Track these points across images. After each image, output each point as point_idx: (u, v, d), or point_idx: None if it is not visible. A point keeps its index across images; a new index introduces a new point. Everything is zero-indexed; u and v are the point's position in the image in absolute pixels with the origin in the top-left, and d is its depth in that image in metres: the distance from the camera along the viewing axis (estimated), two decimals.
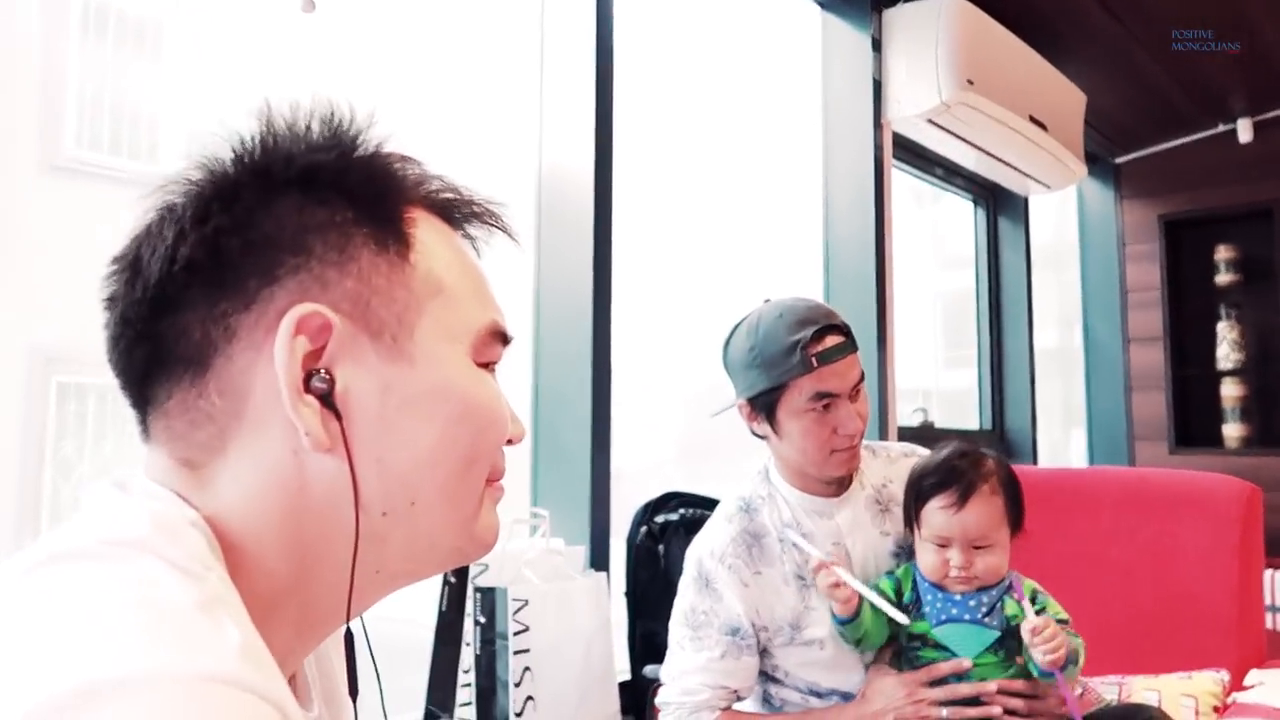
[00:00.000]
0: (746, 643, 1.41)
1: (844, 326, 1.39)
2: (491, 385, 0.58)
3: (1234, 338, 3.86)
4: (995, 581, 1.34)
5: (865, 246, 2.66)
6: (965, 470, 1.35)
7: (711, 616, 1.41)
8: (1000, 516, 1.34)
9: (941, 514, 1.34)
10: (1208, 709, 1.53)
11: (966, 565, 1.32)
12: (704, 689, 1.40)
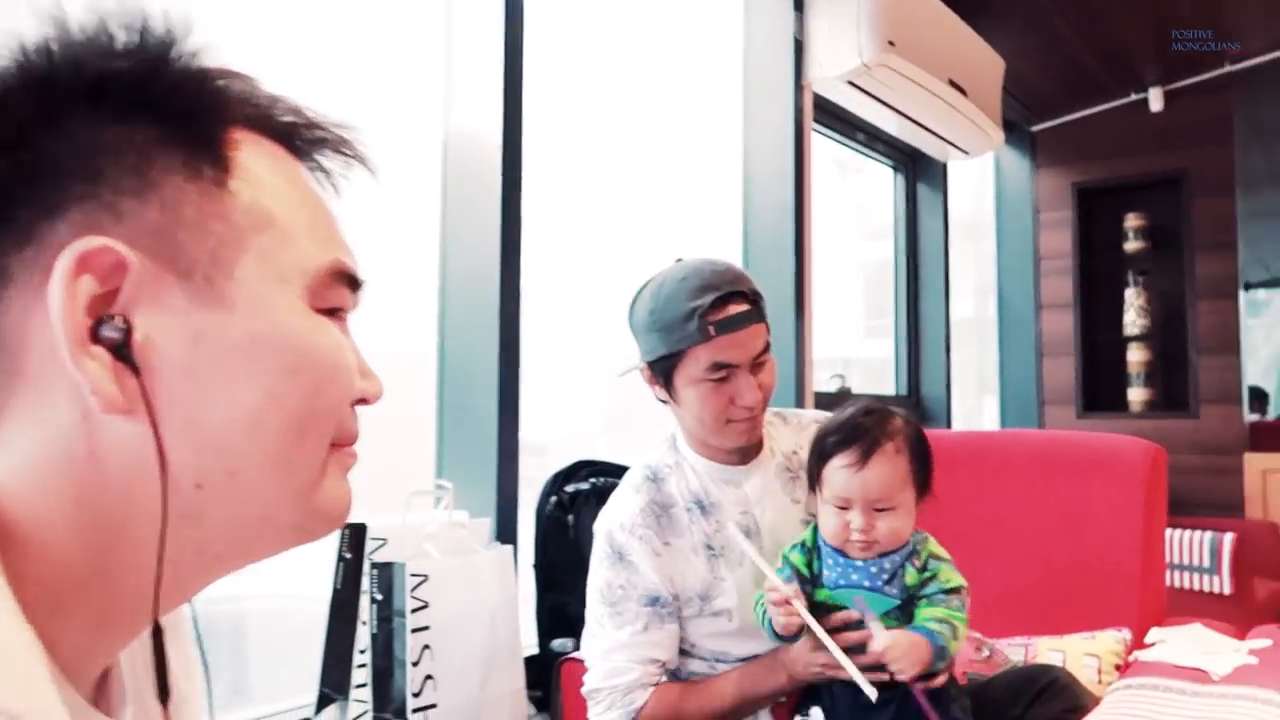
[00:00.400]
0: (668, 611, 1.37)
1: (750, 293, 1.34)
2: (333, 335, 0.50)
3: (1140, 304, 3.95)
4: (897, 546, 1.29)
5: (784, 209, 2.62)
6: (869, 428, 1.29)
7: (629, 589, 1.37)
8: (905, 477, 1.29)
9: (843, 473, 1.28)
10: (1110, 667, 1.54)
11: (867, 528, 1.26)
12: (632, 666, 1.35)
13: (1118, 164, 4.01)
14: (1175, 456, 3.77)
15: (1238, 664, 1.39)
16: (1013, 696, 1.30)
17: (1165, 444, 3.83)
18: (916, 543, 1.32)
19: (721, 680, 1.38)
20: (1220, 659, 1.42)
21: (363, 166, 0.54)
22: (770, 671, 1.36)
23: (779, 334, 2.61)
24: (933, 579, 1.29)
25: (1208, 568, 3.15)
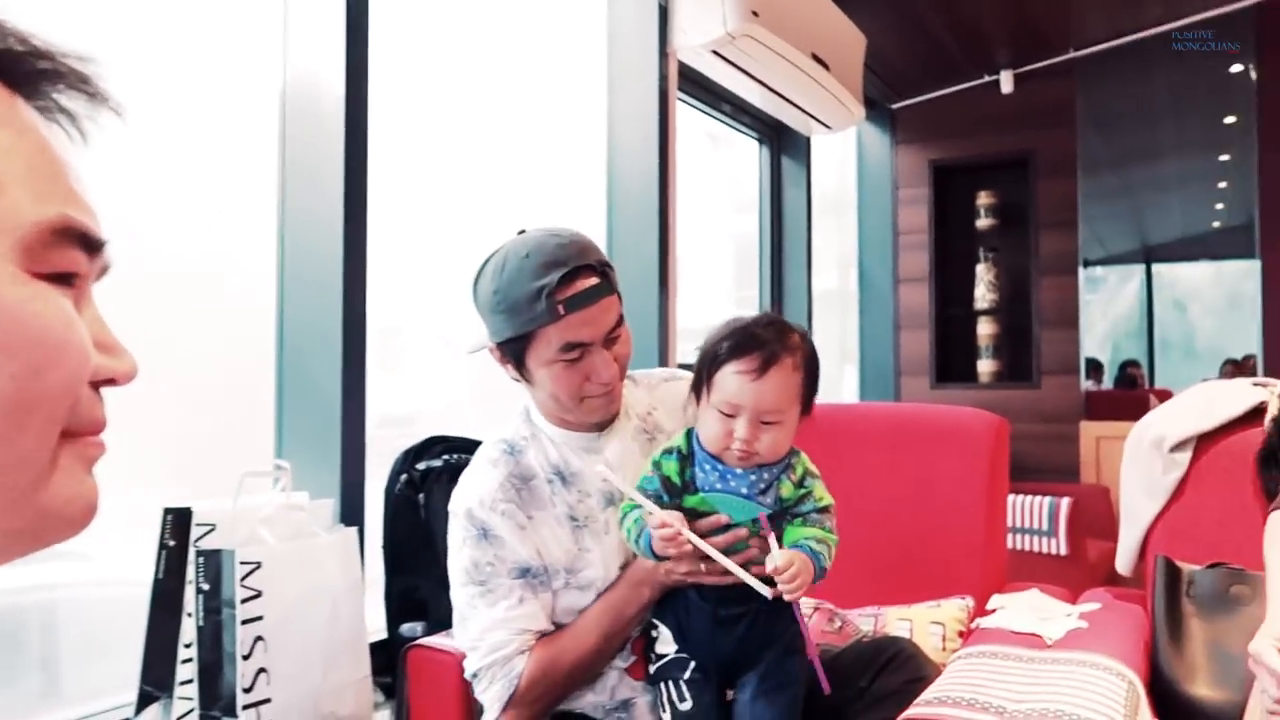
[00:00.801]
0: (539, 581, 1.33)
1: (599, 265, 1.29)
2: (56, 304, 0.43)
3: (990, 279, 4.12)
4: (776, 460, 1.28)
5: (649, 178, 2.58)
6: (770, 339, 1.25)
7: (498, 564, 1.32)
8: (796, 392, 1.26)
9: (737, 380, 1.23)
10: (954, 634, 1.59)
11: (750, 439, 1.23)
12: (511, 638, 1.31)
13: (971, 143, 4.15)
14: (1019, 425, 3.98)
15: (1069, 628, 1.45)
16: (860, 668, 1.32)
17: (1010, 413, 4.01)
18: (792, 456, 1.31)
19: (587, 617, 1.35)
20: (1053, 624, 1.48)
21: (108, 107, 0.46)
22: (633, 589, 1.34)
23: (643, 304, 2.59)
24: (808, 495, 1.29)
25: (1046, 530, 3.32)
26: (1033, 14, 3.47)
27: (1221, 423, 1.57)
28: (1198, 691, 1.35)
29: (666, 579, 1.31)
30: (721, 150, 3.98)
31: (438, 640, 1.46)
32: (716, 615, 1.29)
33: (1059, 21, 3.58)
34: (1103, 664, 1.26)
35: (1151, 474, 1.61)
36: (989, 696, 1.16)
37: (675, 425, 1.45)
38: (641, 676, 1.36)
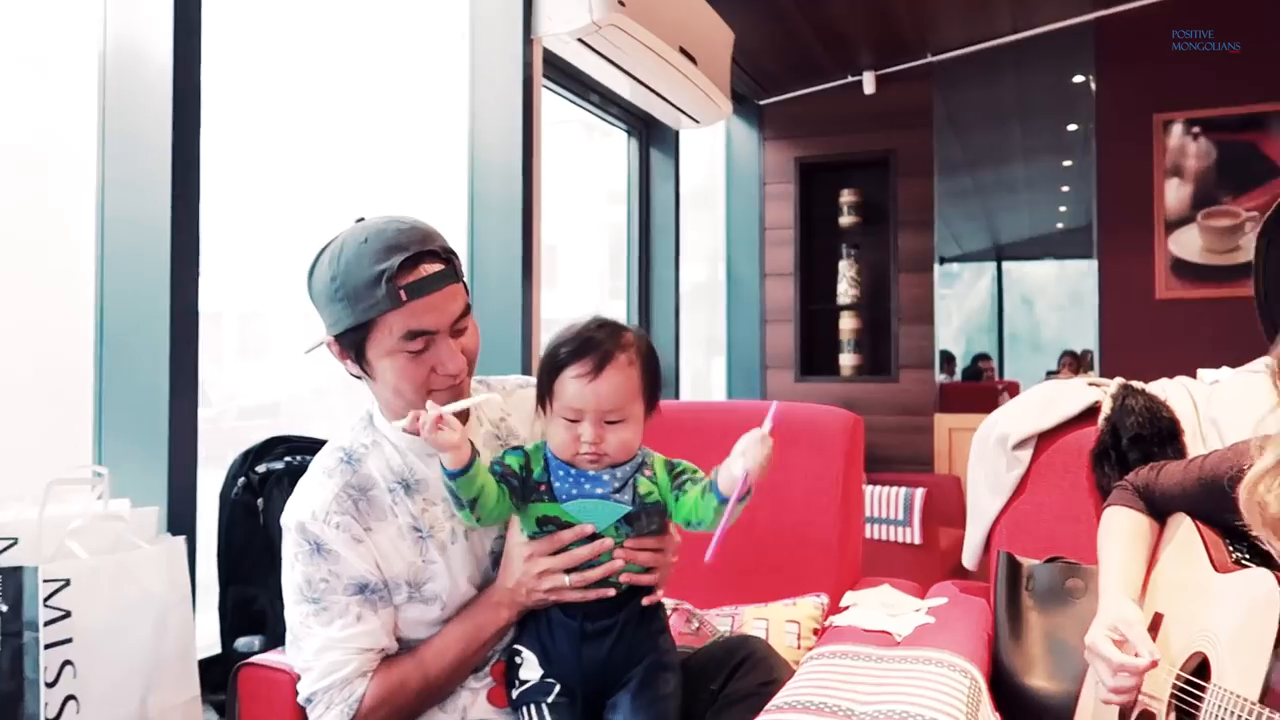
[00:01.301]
0: (379, 596, 1.26)
1: (443, 251, 1.24)
2: None
3: (852, 275, 4.22)
4: (627, 459, 1.28)
5: (512, 167, 2.51)
6: (602, 340, 1.26)
7: (334, 580, 1.24)
8: (636, 389, 1.27)
9: (575, 384, 1.24)
10: (809, 632, 1.60)
11: (597, 440, 1.23)
12: (349, 659, 1.23)
13: (836, 141, 4.24)
14: (877, 417, 4.12)
15: (918, 624, 1.48)
16: (712, 671, 1.31)
17: (869, 406, 4.15)
18: (646, 456, 1.31)
19: (441, 638, 1.29)
20: (903, 619, 1.50)
21: None
22: (490, 611, 1.30)
23: (506, 295, 2.53)
24: (683, 471, 1.32)
25: (901, 520, 3.43)
26: (893, 18, 3.56)
27: (1059, 421, 1.63)
28: (1035, 683, 1.40)
29: (528, 599, 1.28)
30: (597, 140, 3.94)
31: (272, 658, 1.37)
32: (584, 630, 1.27)
33: (918, 27, 3.69)
34: (947, 661, 1.29)
35: (996, 471, 1.66)
36: (838, 699, 1.16)
37: (529, 433, 1.41)
38: (504, 703, 1.31)
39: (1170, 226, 3.76)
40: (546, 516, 1.28)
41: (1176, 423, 1.52)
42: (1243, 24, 3.62)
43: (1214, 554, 1.13)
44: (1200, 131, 3.72)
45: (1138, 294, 3.81)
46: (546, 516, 1.28)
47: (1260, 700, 0.89)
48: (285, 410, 2.62)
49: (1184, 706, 1.04)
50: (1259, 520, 1.00)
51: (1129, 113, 3.83)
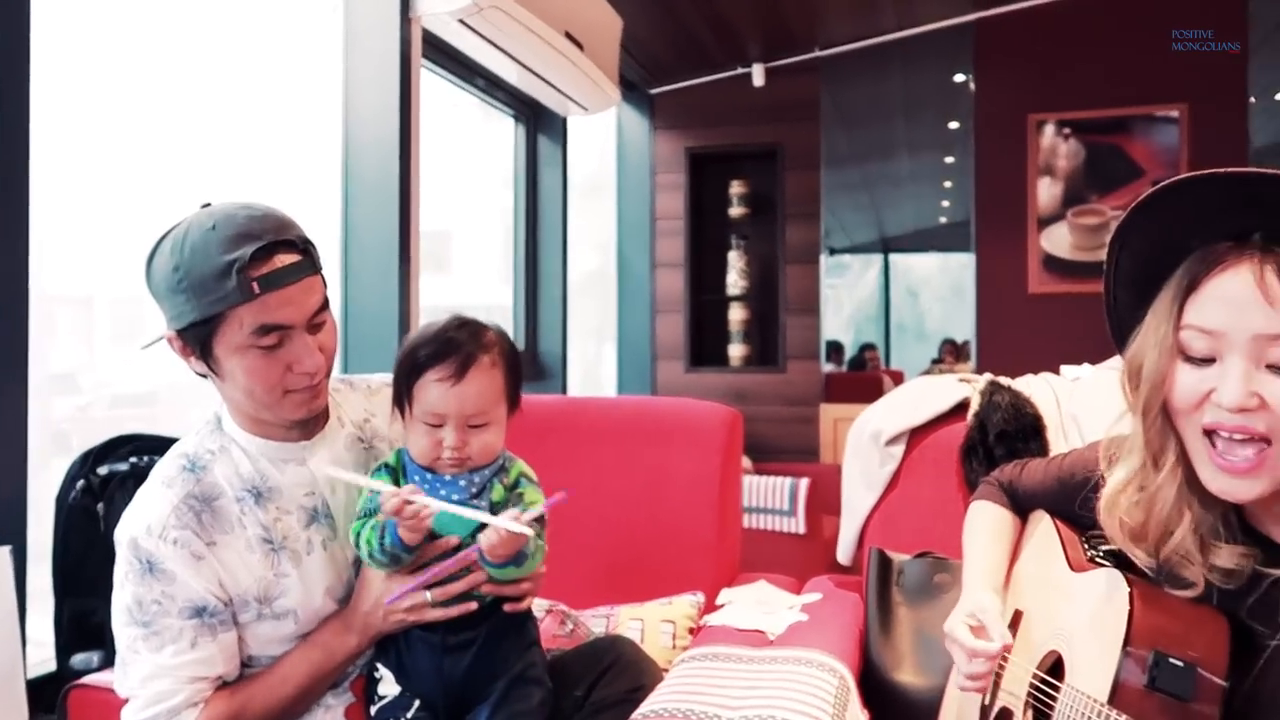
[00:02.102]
0: (219, 619, 1.17)
1: (300, 241, 1.16)
2: None
3: (741, 266, 4.24)
4: (489, 462, 1.23)
5: (389, 151, 2.42)
6: (464, 341, 1.21)
7: (167, 603, 1.14)
8: (499, 392, 1.22)
9: (437, 388, 1.18)
10: (684, 632, 1.58)
11: (460, 445, 1.19)
12: (179, 688, 1.14)
13: (725, 132, 4.24)
14: (765, 408, 4.16)
15: (791, 622, 1.48)
16: (578, 676, 1.27)
17: (757, 396, 4.18)
18: (506, 460, 1.27)
19: (283, 665, 1.22)
20: (776, 618, 1.50)
21: None
22: (339, 636, 1.23)
23: (382, 283, 2.43)
24: (519, 499, 1.25)
25: (786, 510, 3.47)
26: (781, 11, 3.57)
27: (931, 417, 1.66)
28: (903, 678, 1.41)
29: (384, 624, 1.21)
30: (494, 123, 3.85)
31: (106, 677, 1.27)
32: (445, 644, 1.22)
33: (805, 21, 3.71)
34: (816, 660, 1.29)
35: (869, 466, 1.67)
36: (705, 704, 1.14)
37: (395, 433, 1.34)
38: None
39: (1042, 223, 3.90)
40: None
41: (1040, 419, 1.56)
42: (1112, 31, 3.78)
43: (1070, 552, 1.15)
44: (1070, 132, 3.87)
45: (1012, 288, 3.94)
46: None
47: (1109, 701, 0.91)
48: (164, 399, 2.48)
49: (1039, 705, 1.06)
50: (1119, 535, 1.01)
51: (1004, 112, 3.96)
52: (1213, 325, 0.86)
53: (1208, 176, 0.86)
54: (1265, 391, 0.84)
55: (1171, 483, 0.94)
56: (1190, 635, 0.93)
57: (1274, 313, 0.82)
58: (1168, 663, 0.90)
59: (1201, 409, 0.88)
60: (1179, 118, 3.78)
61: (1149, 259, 0.94)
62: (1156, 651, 0.91)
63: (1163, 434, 0.94)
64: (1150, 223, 0.93)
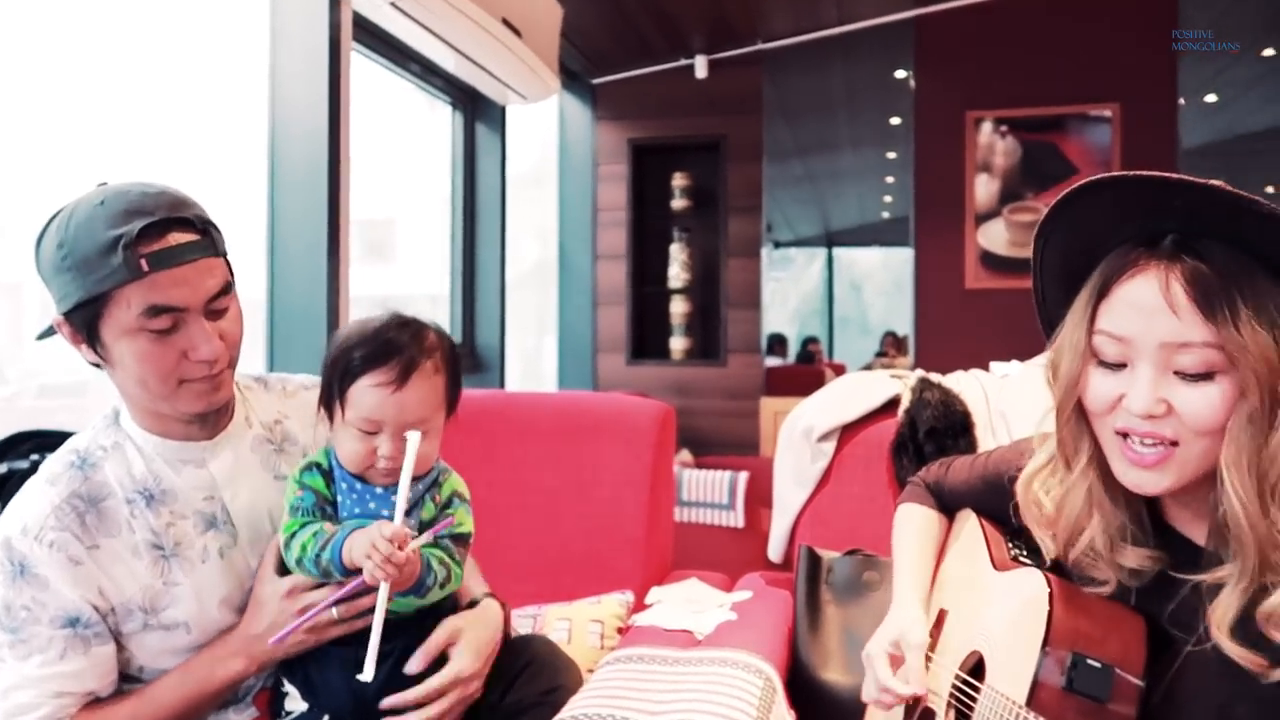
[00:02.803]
0: (94, 631, 1.10)
1: (199, 221, 1.09)
2: None
3: (684, 259, 4.23)
4: (425, 472, 1.17)
5: (317, 136, 2.34)
6: (405, 344, 1.14)
7: (37, 610, 1.07)
8: (440, 398, 1.16)
9: (375, 394, 1.11)
10: (612, 631, 1.56)
11: (397, 456, 1.11)
12: (41, 702, 1.07)
13: (668, 124, 4.22)
14: (706, 401, 4.15)
15: (719, 621, 1.46)
16: (492, 679, 1.22)
17: (699, 389, 4.17)
18: (440, 473, 1.21)
19: (156, 686, 1.14)
20: (705, 617, 1.48)
21: None
22: (221, 660, 1.15)
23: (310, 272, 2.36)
24: (450, 518, 1.19)
25: (725, 504, 3.46)
26: (723, 3, 3.55)
27: (862, 414, 1.65)
28: (830, 677, 1.40)
29: (275, 651, 1.14)
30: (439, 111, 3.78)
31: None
32: (358, 658, 1.15)
33: (747, 13, 3.70)
34: (743, 661, 1.27)
35: (800, 463, 1.66)
36: (627, 708, 1.11)
37: (310, 439, 1.28)
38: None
39: (979, 220, 3.94)
40: None
41: (969, 416, 1.56)
42: (1049, 30, 3.83)
43: (994, 551, 1.15)
44: (1007, 130, 3.91)
45: (950, 283, 3.98)
46: None
47: (1027, 703, 0.90)
48: (94, 390, 2.38)
49: (961, 707, 1.05)
50: (1034, 517, 1.01)
51: (944, 108, 3.99)
52: (1121, 332, 0.86)
53: (1125, 178, 0.85)
54: (1173, 399, 0.84)
55: (1083, 483, 0.94)
56: (1108, 636, 0.93)
57: (1179, 321, 0.82)
58: (1085, 664, 0.90)
59: (1115, 412, 0.88)
60: (1112, 117, 3.84)
61: (1070, 256, 0.93)
62: (1075, 653, 0.90)
63: (1076, 434, 0.94)
64: (1071, 220, 0.92)
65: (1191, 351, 0.82)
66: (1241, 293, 0.80)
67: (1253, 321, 0.80)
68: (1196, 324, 0.81)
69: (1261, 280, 0.82)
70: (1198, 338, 0.81)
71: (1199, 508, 0.91)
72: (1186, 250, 0.83)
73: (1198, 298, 0.81)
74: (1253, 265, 0.82)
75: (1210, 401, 0.82)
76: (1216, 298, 0.80)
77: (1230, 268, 0.81)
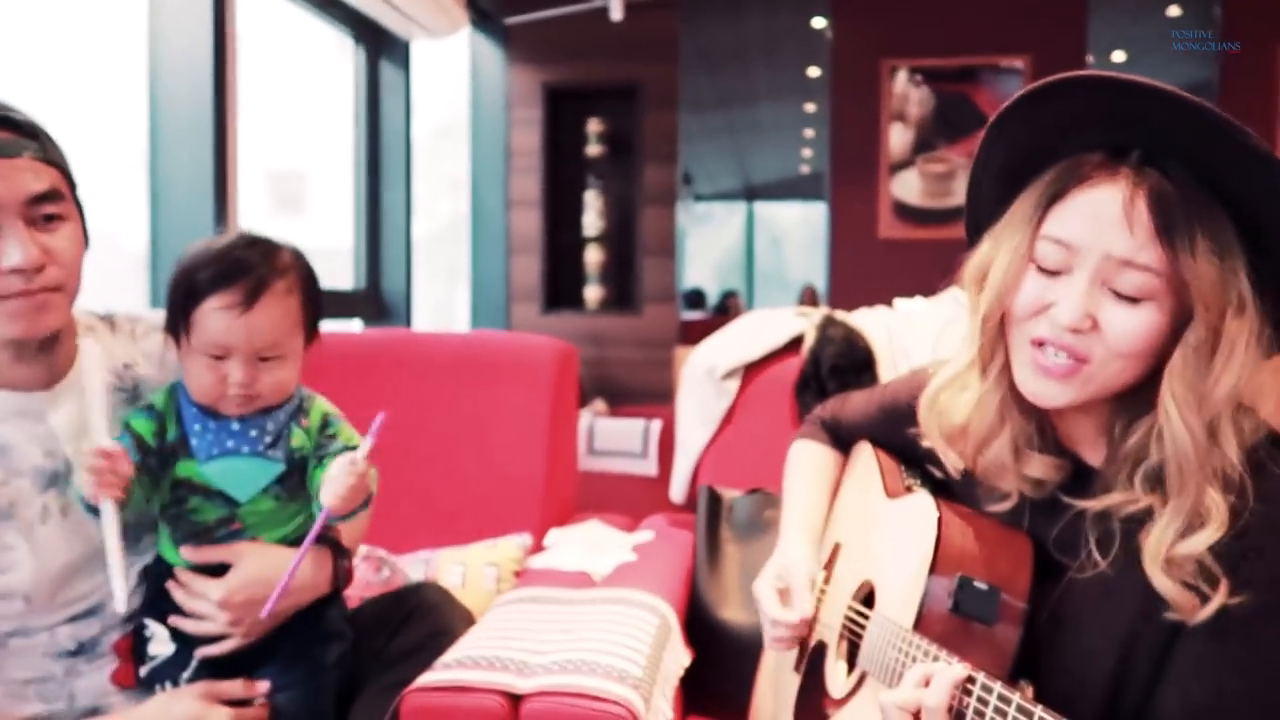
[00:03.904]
0: None
1: (21, 122, 0.99)
2: None
3: (599, 207, 4.15)
4: (282, 401, 1.10)
5: (201, 76, 2.19)
6: (255, 263, 1.06)
7: None
8: (296, 321, 1.09)
9: (222, 317, 1.04)
10: (508, 575, 1.51)
11: (249, 382, 1.05)
12: None
13: (583, 68, 4.11)
14: (621, 350, 4.11)
15: (619, 562, 1.43)
16: (378, 626, 1.18)
17: (614, 339, 4.13)
18: (304, 399, 1.14)
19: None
20: (604, 558, 1.45)
21: None
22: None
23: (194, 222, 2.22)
24: (334, 437, 1.13)
25: (639, 453, 3.44)
26: None
27: (766, 351, 1.62)
28: (729, 615, 1.39)
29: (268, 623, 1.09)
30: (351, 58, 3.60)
31: None
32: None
33: None
34: (638, 600, 1.24)
35: (704, 402, 1.63)
36: (513, 651, 1.07)
37: (165, 381, 1.18)
38: (130, 682, 1.12)
39: (893, 170, 3.95)
40: (183, 480, 1.08)
41: (872, 353, 1.54)
42: None
43: (888, 480, 1.13)
44: (922, 80, 3.91)
45: (863, 233, 3.99)
46: (183, 480, 1.08)
47: (914, 626, 0.88)
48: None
49: (853, 637, 1.03)
50: (936, 431, 0.98)
51: (859, 58, 3.97)
52: (1070, 238, 0.82)
53: (1108, 80, 0.80)
54: (1101, 315, 0.81)
55: (995, 391, 0.91)
56: (996, 559, 0.91)
57: (1132, 239, 0.79)
58: (972, 586, 0.88)
59: (1038, 319, 0.84)
60: (1023, 69, 3.87)
61: (1016, 154, 0.88)
62: (961, 576, 0.89)
63: (995, 341, 0.90)
64: (1034, 115, 0.86)
65: (1135, 272, 0.79)
66: (1202, 223, 0.78)
67: (1208, 254, 0.77)
68: (1150, 246, 0.78)
69: (1218, 213, 0.79)
70: (1146, 260, 0.78)
71: (1096, 429, 0.89)
72: (1154, 168, 0.79)
73: (1159, 219, 0.78)
74: (1211, 197, 0.79)
75: (1137, 325, 0.80)
76: (1178, 224, 0.77)
77: (1194, 195, 0.78)
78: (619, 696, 0.99)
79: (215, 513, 1.09)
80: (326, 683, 1.12)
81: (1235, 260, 0.78)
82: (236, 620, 1.08)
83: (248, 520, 1.10)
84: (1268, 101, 3.76)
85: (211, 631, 1.09)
